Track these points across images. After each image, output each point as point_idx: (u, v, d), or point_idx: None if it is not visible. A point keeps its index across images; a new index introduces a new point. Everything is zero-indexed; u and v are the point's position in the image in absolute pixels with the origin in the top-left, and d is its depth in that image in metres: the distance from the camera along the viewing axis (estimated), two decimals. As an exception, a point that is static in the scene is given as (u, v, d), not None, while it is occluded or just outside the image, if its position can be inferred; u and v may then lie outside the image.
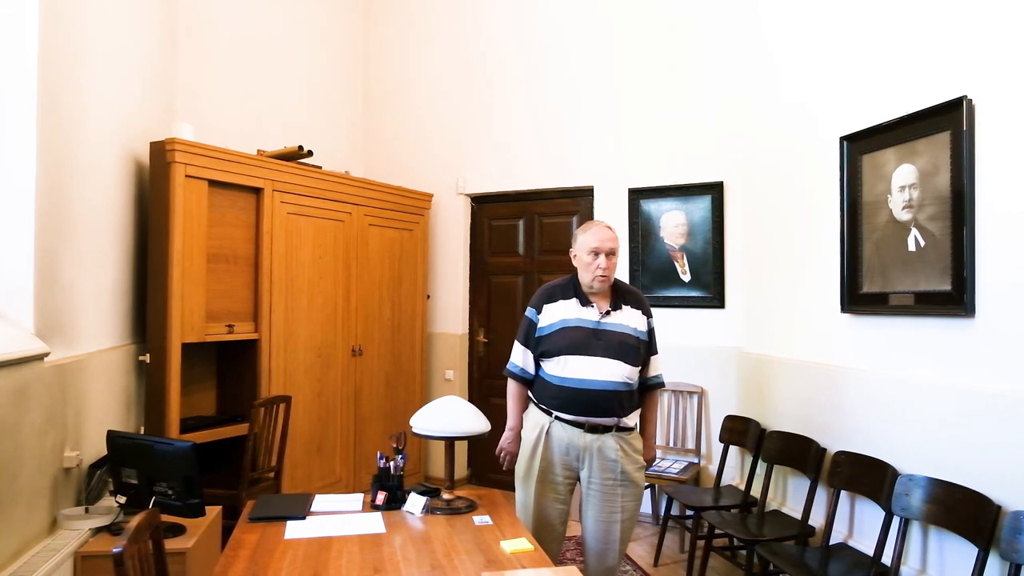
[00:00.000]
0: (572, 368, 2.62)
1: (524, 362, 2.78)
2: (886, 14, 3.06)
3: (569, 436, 2.65)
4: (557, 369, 2.65)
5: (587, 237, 2.71)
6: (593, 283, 2.68)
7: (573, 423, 2.65)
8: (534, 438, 2.69)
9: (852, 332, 3.24)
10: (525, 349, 2.77)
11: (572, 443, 2.65)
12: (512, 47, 5.14)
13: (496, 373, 5.24)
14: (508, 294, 5.24)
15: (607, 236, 2.71)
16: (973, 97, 2.58)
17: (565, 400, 2.63)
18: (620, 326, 2.69)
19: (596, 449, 2.64)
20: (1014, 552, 2.22)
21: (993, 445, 2.47)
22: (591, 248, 2.68)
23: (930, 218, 2.77)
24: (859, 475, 3.00)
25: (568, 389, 2.63)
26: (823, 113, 3.45)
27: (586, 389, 2.61)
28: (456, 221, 5.36)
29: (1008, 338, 2.45)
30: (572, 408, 2.64)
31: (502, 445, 2.83)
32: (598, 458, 2.65)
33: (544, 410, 2.70)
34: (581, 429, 2.65)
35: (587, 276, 2.70)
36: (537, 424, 2.70)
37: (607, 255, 2.68)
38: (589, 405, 2.62)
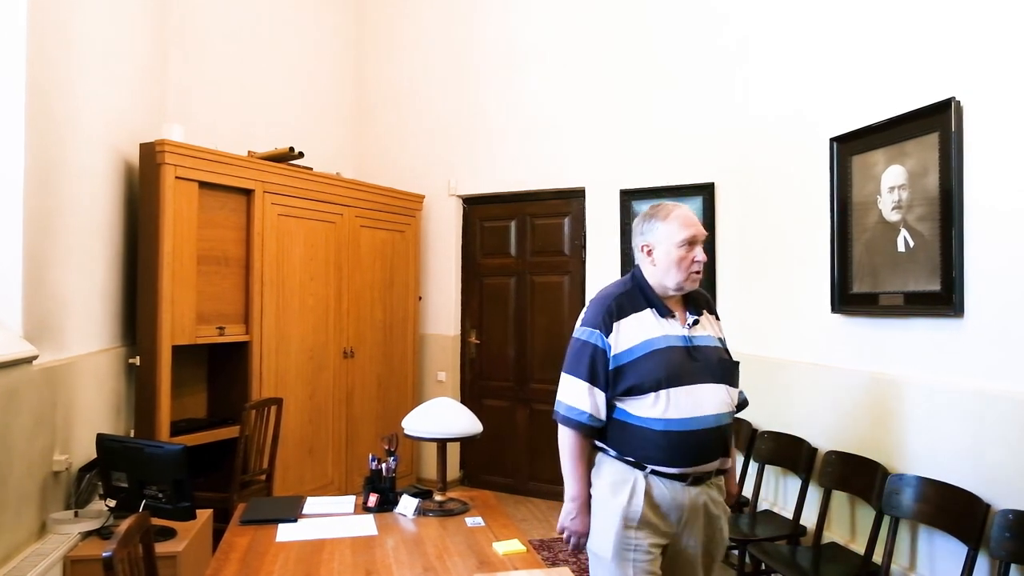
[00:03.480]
0: (676, 405, 1.94)
1: (592, 405, 2.00)
2: (876, 16, 3.08)
3: (671, 493, 1.96)
4: (654, 409, 1.95)
5: (673, 225, 2.04)
6: (686, 283, 2.04)
7: (675, 477, 1.97)
8: (622, 503, 1.96)
9: (843, 332, 3.26)
10: (592, 387, 2.00)
11: (675, 502, 1.96)
12: (504, 49, 5.14)
13: (489, 374, 5.24)
14: (500, 295, 5.24)
15: (696, 221, 2.09)
16: (961, 99, 2.60)
17: (669, 449, 1.94)
18: (710, 339, 2.09)
19: (702, 507, 2.00)
20: (1003, 551, 2.23)
21: (983, 444, 2.49)
22: (685, 238, 2.02)
23: (919, 219, 2.79)
24: (850, 474, 3.01)
25: (674, 435, 1.93)
26: (814, 114, 3.46)
27: (697, 431, 1.95)
28: (448, 222, 5.36)
29: (997, 338, 2.47)
30: (678, 458, 1.95)
31: (566, 524, 2.09)
32: (703, 517, 2.00)
33: (631, 463, 2.00)
34: (683, 483, 1.97)
35: (676, 275, 2.03)
36: (621, 481, 1.99)
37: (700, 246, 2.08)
38: (700, 450, 1.96)
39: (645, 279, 2.08)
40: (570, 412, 2.03)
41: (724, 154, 4.19)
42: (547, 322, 5.04)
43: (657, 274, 2.06)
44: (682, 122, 4.43)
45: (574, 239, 4.94)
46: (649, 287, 2.07)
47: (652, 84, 4.55)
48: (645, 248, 2.08)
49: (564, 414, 2.05)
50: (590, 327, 2.04)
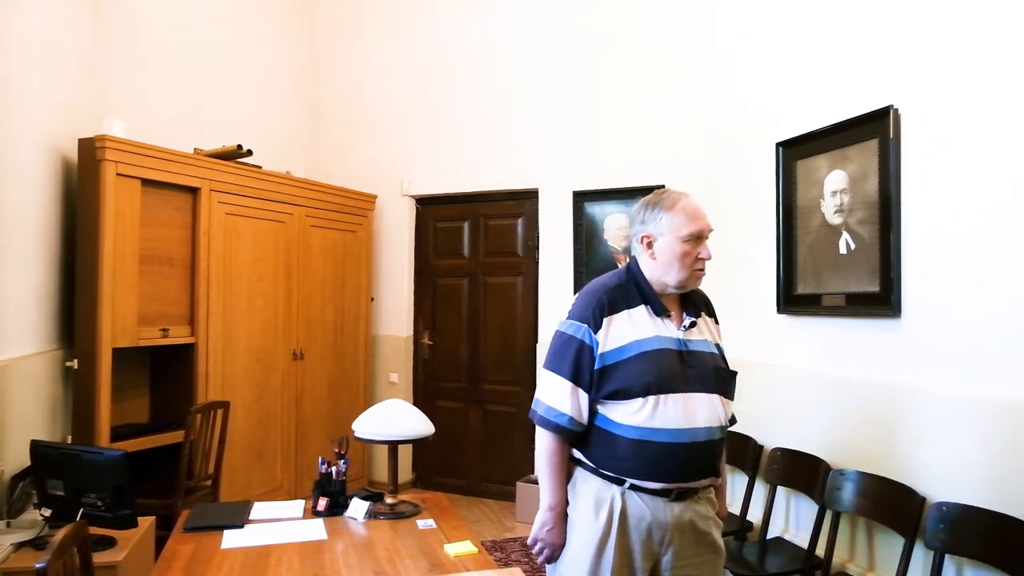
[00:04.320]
0: (664, 412, 1.74)
1: (575, 407, 1.80)
2: (821, 26, 3.17)
3: (652, 511, 1.77)
4: (638, 416, 1.75)
5: (679, 217, 1.82)
6: (689, 281, 1.85)
7: (657, 492, 1.78)
8: (601, 526, 1.77)
9: (788, 332, 3.35)
10: (576, 387, 1.80)
11: (656, 521, 1.77)
12: (458, 49, 5.12)
13: (442, 375, 5.22)
14: (453, 296, 5.22)
15: (703, 213, 1.86)
16: (899, 106, 2.70)
17: (651, 462, 1.75)
18: (706, 344, 1.89)
19: (687, 524, 1.80)
20: (938, 542, 2.32)
21: (918, 439, 2.58)
22: (691, 232, 1.81)
23: (860, 222, 2.88)
24: (794, 471, 3.09)
25: (659, 446, 1.74)
26: (762, 119, 3.55)
27: (685, 444, 1.75)
28: (401, 222, 5.31)
29: (930, 337, 2.57)
30: (660, 472, 1.76)
31: (539, 535, 1.87)
32: (689, 535, 1.81)
33: (609, 478, 1.80)
34: (666, 499, 1.78)
35: (679, 272, 1.82)
36: (600, 500, 1.79)
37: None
38: (686, 466, 1.77)
39: (642, 273, 1.87)
40: (549, 413, 1.81)
41: (675, 157, 4.25)
42: (500, 323, 5.05)
43: (657, 269, 1.84)
44: (635, 125, 4.49)
45: (527, 240, 4.96)
46: (646, 282, 1.86)
47: (605, 86, 4.59)
48: (645, 239, 1.85)
49: (543, 415, 1.83)
50: (577, 320, 1.82)
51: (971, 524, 2.26)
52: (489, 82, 5.00)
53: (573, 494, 1.86)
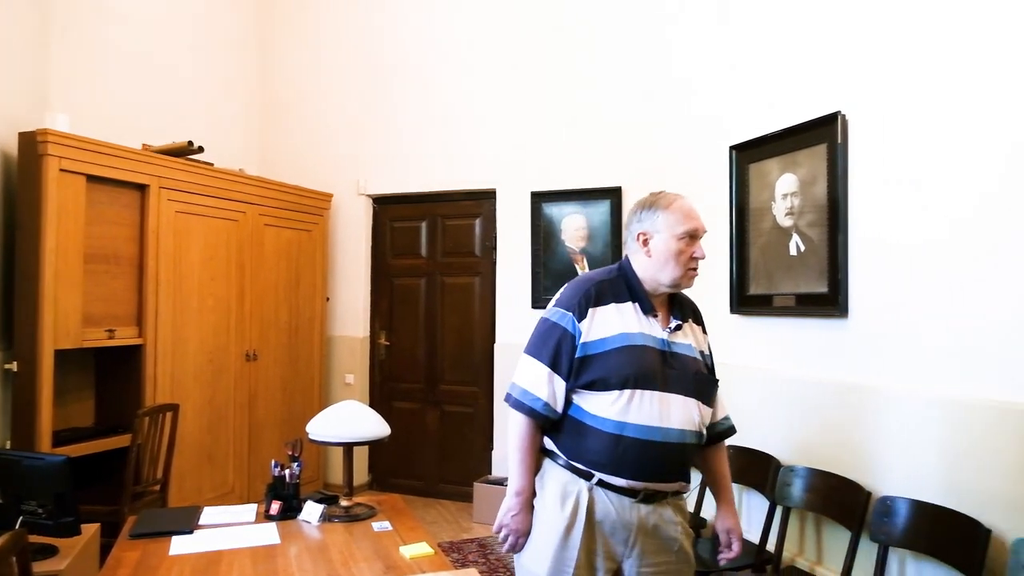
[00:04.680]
0: (639, 408, 1.74)
1: (550, 392, 1.80)
2: (774, 33, 3.25)
3: (617, 510, 1.77)
4: (613, 408, 1.75)
5: (676, 216, 1.86)
6: (683, 279, 1.88)
7: (624, 490, 1.77)
8: (566, 517, 1.77)
9: (740, 332, 3.41)
10: (553, 373, 1.80)
11: (621, 520, 1.77)
12: (417, 48, 5.09)
13: (399, 376, 5.18)
14: (411, 296, 5.18)
15: (697, 213, 1.91)
16: (847, 112, 2.77)
17: (621, 457, 1.74)
18: (690, 348, 1.89)
19: (652, 527, 1.79)
20: (882, 534, 2.40)
21: (864, 435, 2.66)
22: (687, 230, 1.85)
23: (809, 224, 2.95)
24: (746, 468, 3.15)
25: (631, 442, 1.74)
26: (716, 122, 3.61)
27: (657, 443, 1.75)
28: (357, 222, 5.25)
29: (876, 337, 2.66)
30: (629, 468, 1.75)
31: (504, 521, 1.86)
32: (653, 537, 1.80)
33: (578, 471, 1.79)
34: (633, 499, 1.78)
35: (673, 270, 1.85)
36: (567, 493, 1.79)
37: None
38: (656, 465, 1.77)
39: (634, 271, 1.89)
40: (524, 396, 1.82)
41: (633, 159, 4.30)
42: (458, 323, 5.03)
43: (651, 267, 1.86)
44: (593, 127, 4.52)
45: (485, 240, 4.95)
46: (637, 280, 1.87)
47: (563, 88, 4.62)
48: (641, 236, 1.87)
49: (517, 398, 1.83)
50: (563, 308, 1.83)
51: (914, 518, 2.34)
52: (448, 82, 4.98)
53: (540, 485, 1.85)
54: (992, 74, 2.25)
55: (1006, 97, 2.20)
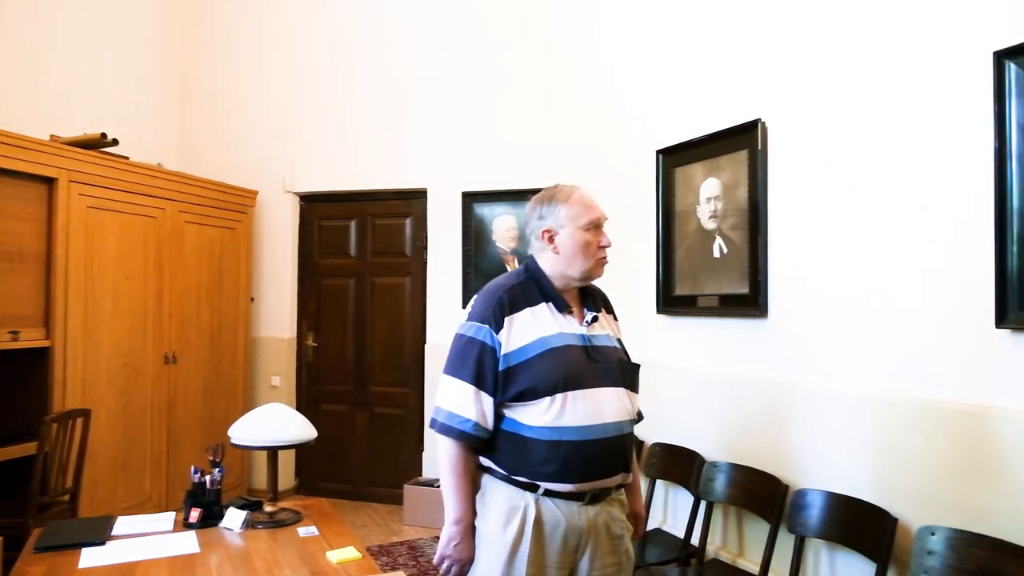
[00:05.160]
0: (573, 410, 1.70)
1: (479, 411, 1.73)
2: (700, 40, 3.34)
3: (567, 517, 1.72)
4: (547, 416, 1.70)
5: (575, 207, 1.81)
6: (595, 270, 1.84)
7: (572, 495, 1.73)
8: (512, 535, 1.70)
9: (666, 331, 3.50)
10: (479, 391, 1.73)
11: (571, 527, 1.72)
12: (347, 43, 5.00)
13: (327, 377, 5.08)
14: (339, 297, 5.09)
15: (596, 202, 1.87)
16: (766, 120, 2.88)
17: (563, 462, 1.69)
18: (609, 339, 1.87)
19: (602, 527, 1.76)
20: (798, 526, 2.50)
21: (782, 430, 2.77)
22: (590, 220, 1.81)
23: (732, 227, 3.05)
24: (672, 464, 3.23)
25: (570, 445, 1.69)
26: (644, 127, 3.69)
27: (596, 440, 1.72)
28: (284, 220, 5.12)
29: (793, 336, 2.77)
30: (574, 472, 1.70)
31: (445, 552, 1.76)
32: (604, 539, 1.76)
33: (522, 484, 1.73)
34: (580, 502, 1.73)
35: (583, 262, 1.81)
36: (512, 509, 1.72)
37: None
38: (599, 463, 1.74)
39: (542, 270, 1.83)
40: (451, 420, 1.73)
41: (564, 160, 4.33)
42: (388, 324, 4.97)
43: (559, 263, 1.81)
44: (524, 128, 4.54)
45: (416, 240, 4.91)
46: (546, 279, 1.82)
47: (496, 89, 4.63)
48: (546, 234, 1.82)
49: (444, 422, 1.74)
50: (477, 322, 1.75)
51: (828, 509, 2.45)
52: (378, 80, 4.91)
53: (483, 504, 1.77)
54: (901, 82, 2.38)
55: (918, 104, 2.33)
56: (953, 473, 2.17)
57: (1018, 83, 2.00)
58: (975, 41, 2.13)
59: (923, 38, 2.30)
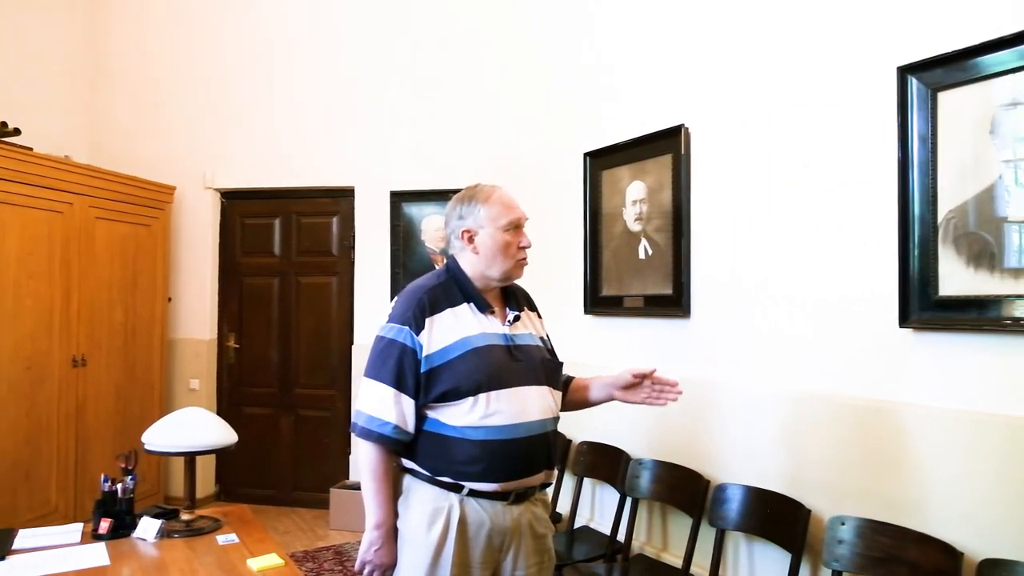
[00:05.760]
0: (497, 410, 1.71)
1: (400, 415, 1.72)
2: (628, 45, 3.40)
3: (491, 517, 1.73)
4: (471, 416, 1.71)
5: (495, 208, 1.81)
6: (514, 271, 1.84)
7: (496, 495, 1.73)
8: (435, 537, 1.69)
9: (594, 331, 3.55)
10: (399, 393, 1.72)
11: (496, 527, 1.73)
12: (274, 36, 4.86)
13: (250, 380, 4.93)
14: (263, 296, 4.94)
15: (516, 202, 1.87)
16: (689, 125, 2.96)
17: (489, 462, 1.70)
18: (532, 337, 1.89)
19: (526, 527, 1.78)
20: (719, 519, 2.58)
21: (704, 427, 2.86)
22: (510, 220, 1.81)
23: (656, 230, 3.12)
24: (599, 462, 3.28)
25: (495, 444, 1.70)
26: (571, 129, 3.73)
27: (521, 439, 1.73)
28: (204, 217, 4.93)
29: (714, 336, 2.86)
30: (498, 471, 1.71)
31: (366, 557, 1.75)
32: (528, 538, 1.78)
33: (446, 485, 1.73)
34: (504, 502, 1.74)
35: (503, 263, 1.81)
36: (436, 511, 1.71)
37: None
38: (524, 462, 1.75)
39: (463, 271, 1.83)
40: (371, 423, 1.71)
41: (494, 161, 4.34)
42: (314, 324, 4.86)
43: (480, 263, 1.81)
44: (454, 127, 4.52)
45: (343, 239, 4.82)
46: (467, 279, 1.82)
47: (424, 87, 4.59)
48: (466, 234, 1.82)
49: (364, 426, 1.72)
50: (398, 323, 1.75)
51: (746, 503, 2.54)
52: (305, 74, 4.79)
53: (405, 506, 1.76)
54: (814, 94, 2.49)
55: (829, 115, 2.45)
56: (861, 465, 2.29)
57: (919, 97, 2.13)
58: (881, 56, 2.25)
59: (834, 52, 2.42)
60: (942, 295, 2.08)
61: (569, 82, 3.77)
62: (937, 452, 2.09)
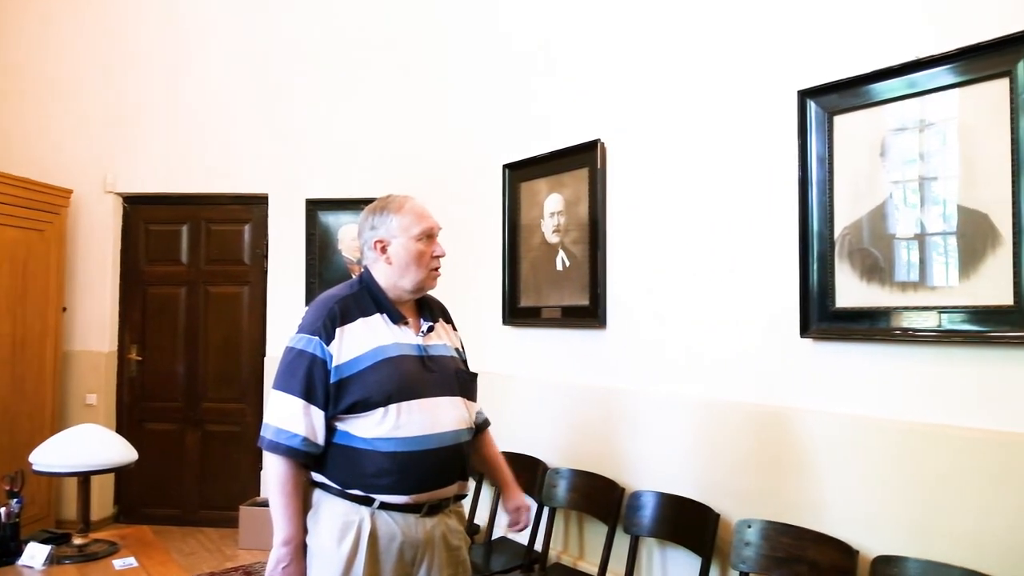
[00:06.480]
0: (409, 421, 1.70)
1: (309, 427, 1.68)
2: (546, 59, 3.45)
3: (403, 530, 1.71)
4: (382, 427, 1.69)
5: (409, 218, 1.81)
6: (427, 281, 1.84)
7: (408, 507, 1.72)
8: (346, 552, 1.66)
9: (512, 342, 3.57)
10: (309, 405, 1.69)
11: (408, 539, 1.71)
12: (184, 37, 4.66)
13: (153, 394, 4.68)
14: (169, 306, 4.72)
15: (429, 212, 1.87)
16: (605, 140, 3.03)
17: (401, 474, 1.69)
18: (446, 348, 1.88)
19: (439, 539, 1.76)
20: (633, 526, 2.63)
21: (619, 435, 2.91)
22: (423, 230, 1.81)
23: (573, 242, 3.18)
24: (516, 473, 3.23)
25: (407, 456, 1.69)
26: (490, 141, 3.75)
27: (433, 450, 1.72)
28: (104, 223, 4.67)
29: (629, 346, 2.93)
30: (411, 483, 1.70)
31: (274, 575, 1.69)
32: (441, 550, 1.77)
33: (356, 498, 1.70)
34: (417, 514, 1.73)
35: (416, 273, 1.81)
36: (347, 525, 1.68)
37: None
38: (436, 473, 1.74)
39: (376, 281, 1.82)
40: (279, 436, 1.67)
41: (413, 171, 4.29)
42: (224, 335, 4.68)
43: (393, 273, 1.81)
44: (373, 136, 4.47)
45: (256, 248, 4.67)
46: (380, 290, 1.80)
47: (342, 95, 4.51)
48: (379, 244, 1.81)
49: (272, 439, 1.68)
50: (308, 334, 1.72)
51: (659, 509, 2.60)
52: (218, 77, 4.62)
53: (315, 521, 1.72)
54: (721, 114, 2.59)
55: (735, 135, 2.56)
56: (766, 469, 2.39)
57: (817, 119, 2.25)
58: (784, 80, 2.37)
59: (742, 74, 2.53)
60: (839, 307, 2.21)
61: (490, 95, 3.80)
62: (836, 455, 2.20)
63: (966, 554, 1.85)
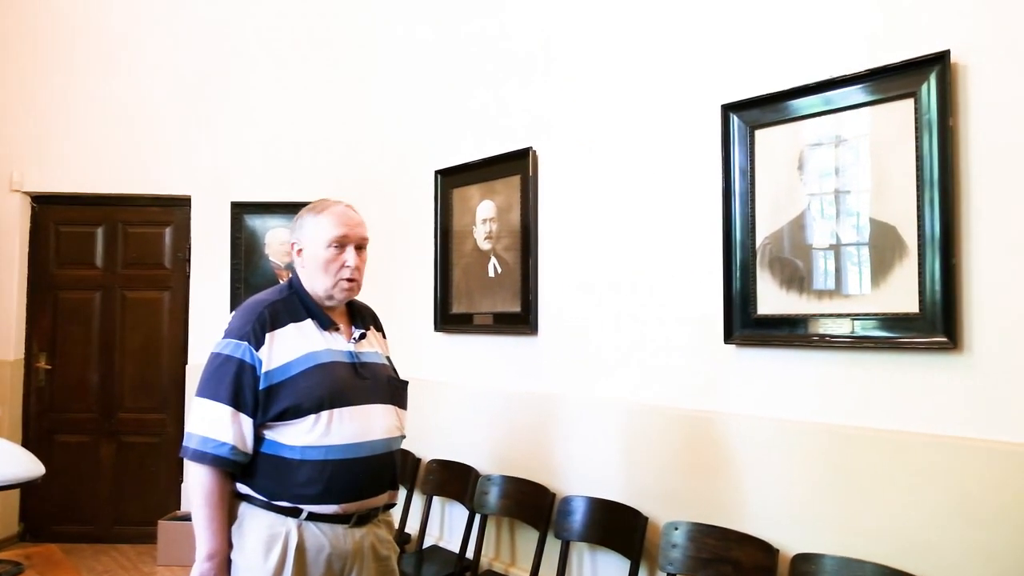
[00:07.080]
0: (339, 427, 1.67)
1: (238, 435, 1.64)
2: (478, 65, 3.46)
3: (331, 541, 1.67)
4: (311, 435, 1.65)
5: (323, 222, 1.76)
6: (335, 291, 1.78)
7: (337, 517, 1.69)
8: (272, 567, 1.62)
9: (444, 349, 3.55)
10: (237, 412, 1.64)
11: (336, 551, 1.68)
12: (101, 23, 4.45)
13: (64, 405, 4.45)
14: (82, 312, 4.48)
15: (354, 220, 1.80)
16: (537, 149, 3.06)
17: (329, 483, 1.65)
18: (378, 356, 1.88)
19: (368, 549, 1.74)
20: (564, 531, 2.65)
21: (550, 441, 2.94)
22: (334, 236, 1.75)
23: (505, 248, 3.19)
24: (448, 480, 3.27)
25: (336, 464, 1.65)
26: (423, 146, 3.73)
27: (363, 458, 1.69)
28: (9, 223, 4.40)
29: (559, 352, 2.96)
30: (340, 492, 1.67)
31: None
32: (371, 561, 1.74)
33: (283, 510, 1.66)
34: (346, 525, 1.70)
35: (323, 280, 1.76)
36: (272, 537, 1.64)
37: (356, 248, 1.80)
38: (366, 482, 1.71)
39: (302, 285, 1.79)
40: (205, 445, 1.61)
41: (344, 174, 4.23)
42: (142, 342, 4.48)
43: (308, 279, 1.78)
44: (302, 138, 4.37)
45: (177, 251, 4.50)
46: (307, 295, 1.78)
47: (271, 95, 4.40)
48: (295, 247, 1.81)
49: (197, 448, 1.62)
50: (235, 339, 1.67)
51: (589, 513, 2.63)
52: (137, 70, 4.43)
53: (240, 534, 1.66)
54: (648, 127, 2.65)
55: (662, 148, 2.62)
56: (692, 472, 2.45)
57: (740, 133, 2.33)
58: (709, 94, 2.45)
59: (670, 87, 2.60)
60: (760, 314, 2.29)
61: (423, 100, 3.78)
62: (758, 457, 2.28)
63: (882, 550, 1.94)
